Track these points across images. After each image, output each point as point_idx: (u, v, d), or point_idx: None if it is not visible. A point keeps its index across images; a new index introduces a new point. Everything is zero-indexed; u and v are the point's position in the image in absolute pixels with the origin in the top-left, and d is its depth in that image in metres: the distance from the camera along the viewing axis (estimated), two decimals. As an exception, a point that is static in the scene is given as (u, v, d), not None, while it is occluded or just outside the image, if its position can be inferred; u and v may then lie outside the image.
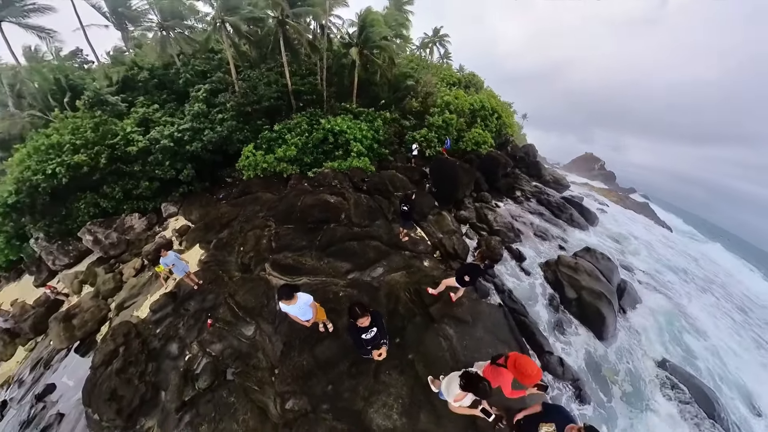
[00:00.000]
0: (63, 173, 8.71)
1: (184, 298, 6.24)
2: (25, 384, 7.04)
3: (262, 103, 12.03)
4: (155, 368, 5.04)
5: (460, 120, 14.42)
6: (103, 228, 9.60)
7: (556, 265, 8.39)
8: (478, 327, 4.95)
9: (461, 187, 10.94)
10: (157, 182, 10.19)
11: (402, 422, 3.49)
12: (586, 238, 11.89)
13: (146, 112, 11.05)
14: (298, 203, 8.32)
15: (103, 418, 4.46)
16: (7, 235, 9.83)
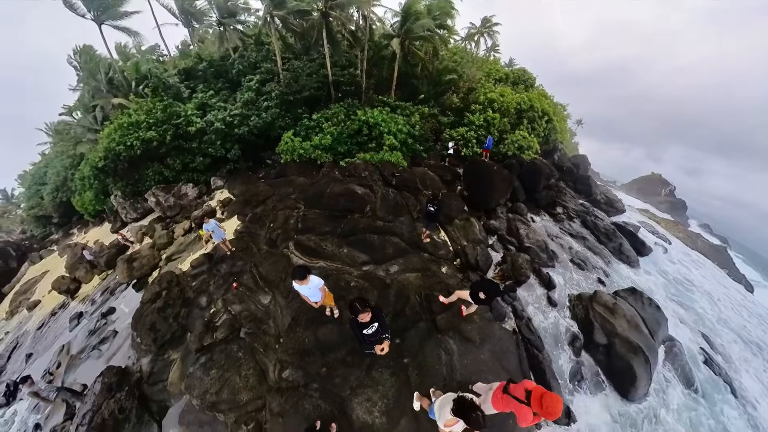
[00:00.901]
0: (138, 146, 10.78)
1: (218, 261, 7.16)
2: (96, 303, 9.05)
3: (303, 93, 12.91)
4: (186, 313, 5.94)
5: (504, 120, 13.29)
6: (164, 193, 11.57)
7: (589, 301, 7.16)
8: (484, 349, 4.64)
9: (495, 194, 10.23)
10: (209, 159, 11.90)
11: (381, 421, 3.55)
12: (634, 276, 9.94)
13: (204, 97, 12.87)
14: (327, 190, 8.75)
15: (143, 342, 5.49)
16: (96, 191, 12.68)
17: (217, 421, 4.11)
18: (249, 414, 4.03)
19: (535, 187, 11.92)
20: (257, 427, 3.90)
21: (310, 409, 3.64)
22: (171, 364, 5.25)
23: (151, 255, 9.50)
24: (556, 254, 9.24)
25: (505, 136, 13.24)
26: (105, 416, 4.45)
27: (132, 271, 9.01)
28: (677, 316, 8.73)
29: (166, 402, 4.86)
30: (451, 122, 13.81)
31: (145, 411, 4.77)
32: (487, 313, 5.79)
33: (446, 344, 4.49)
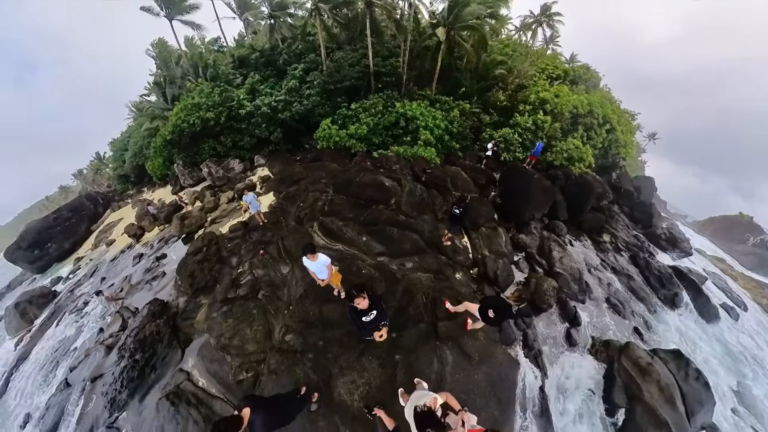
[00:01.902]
0: (198, 124, 12.75)
1: (251, 229, 8.06)
2: (153, 249, 11.17)
3: (344, 83, 13.43)
4: (219, 269, 6.90)
5: (555, 125, 11.83)
6: (215, 165, 13.48)
7: (619, 351, 6.13)
8: (480, 370, 4.43)
9: (532, 207, 9.39)
10: (255, 139, 13.38)
11: (358, 406, 3.71)
12: (686, 338, 8.27)
13: (252, 83, 14.37)
14: (357, 179, 9.09)
15: (182, 285, 6.67)
16: (163, 158, 15.44)
17: (225, 361, 4.76)
18: (251, 363, 4.58)
19: (581, 207, 10.67)
20: (254, 377, 4.42)
21: (301, 375, 3.99)
22: (200, 307, 6.20)
23: (199, 216, 11.13)
24: (589, 288, 8.21)
25: (554, 143, 11.90)
26: (146, 334, 5.67)
27: (183, 227, 10.73)
28: (730, 402, 7.14)
29: (191, 335, 5.86)
30: (494, 122, 12.87)
31: (174, 338, 5.88)
32: (494, 333, 5.49)
33: (442, 353, 4.40)
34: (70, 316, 9.54)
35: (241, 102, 13.00)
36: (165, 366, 5.51)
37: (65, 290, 11.93)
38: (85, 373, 6.33)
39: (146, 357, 5.44)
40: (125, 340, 5.73)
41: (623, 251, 10.50)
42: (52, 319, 10.04)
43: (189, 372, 5.03)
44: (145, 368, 5.37)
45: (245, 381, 4.40)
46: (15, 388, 7.87)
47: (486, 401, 4.10)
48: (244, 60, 17.24)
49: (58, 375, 7.32)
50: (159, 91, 16.75)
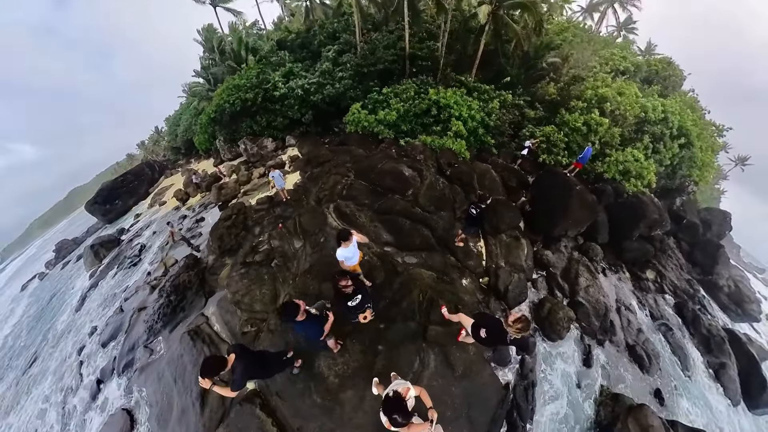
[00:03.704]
0: (238, 104, 13.83)
1: (275, 204, 8.97)
2: (195, 212, 13.44)
3: (377, 66, 13.34)
4: (243, 235, 7.93)
5: (614, 129, 10.15)
6: (251, 143, 14.95)
7: (627, 411, 5.42)
8: (460, 384, 4.27)
9: (566, 222, 8.29)
10: (287, 120, 14.35)
11: (334, 382, 4.05)
12: (719, 417, 6.78)
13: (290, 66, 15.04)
14: (378, 166, 9.23)
15: (212, 245, 7.90)
16: (208, 134, 17.48)
17: (236, 314, 5.68)
18: (255, 320, 5.39)
19: (628, 232, 9.27)
20: (256, 331, 5.20)
21: (292, 340, 4.49)
22: (224, 266, 7.34)
23: (234, 187, 12.59)
24: (614, 328, 7.27)
25: (608, 151, 10.18)
26: (180, 281, 7.10)
27: (220, 196, 12.30)
28: None
29: (214, 288, 7.07)
30: (539, 117, 11.52)
31: (201, 288, 7.24)
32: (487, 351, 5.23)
33: (426, 356, 4.33)
34: (128, 259, 12.20)
35: (276, 84, 13.87)
36: (191, 309, 6.85)
37: (127, 239, 15.04)
38: (134, 304, 8.30)
39: (178, 299, 6.87)
40: (165, 283, 7.29)
41: (668, 295, 9.19)
42: (116, 260, 12.94)
43: (208, 317, 6.09)
44: (176, 308, 6.82)
45: (249, 333, 5.23)
46: (87, 308, 10.69)
47: (457, 417, 4.03)
48: (282, 43, 18.15)
49: (116, 303, 9.63)
50: (205, 73, 18.92)
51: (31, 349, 10.35)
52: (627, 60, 13.32)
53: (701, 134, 11.93)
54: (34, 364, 9.39)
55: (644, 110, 10.49)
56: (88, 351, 8.29)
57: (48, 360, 9.18)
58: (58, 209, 70.88)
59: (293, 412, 4.04)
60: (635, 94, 10.87)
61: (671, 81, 13.52)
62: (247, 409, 4.21)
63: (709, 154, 12.50)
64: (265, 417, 4.11)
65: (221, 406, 4.62)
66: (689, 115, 11.53)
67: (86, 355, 8.17)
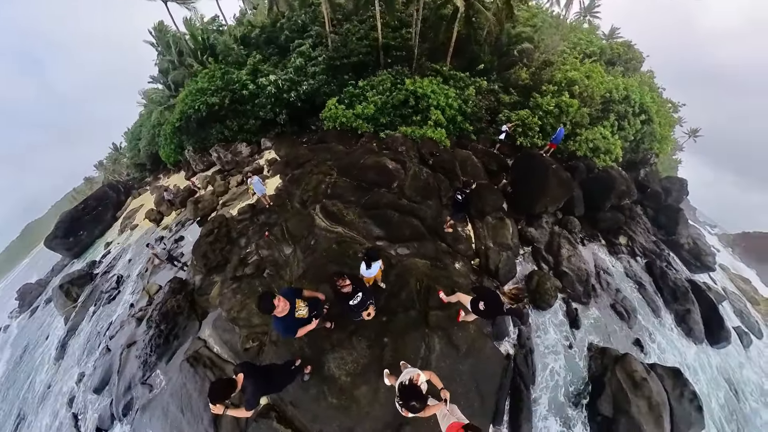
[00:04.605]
0: (204, 109, 12.80)
1: (258, 212, 8.58)
2: (172, 231, 12.36)
3: (351, 58, 12.98)
4: (229, 249, 7.56)
5: (583, 110, 10.91)
6: (224, 150, 14.04)
7: (614, 361, 6.12)
8: (466, 362, 4.60)
9: (545, 199, 8.88)
10: (260, 121, 13.61)
11: (346, 380, 4.13)
12: (688, 357, 8.07)
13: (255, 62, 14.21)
14: (361, 161, 9.18)
15: (197, 264, 7.41)
16: (174, 145, 15.79)
17: (235, 332, 5.45)
18: (256, 334, 5.22)
19: (601, 204, 10.17)
20: (259, 346, 5.07)
21: (297, 349, 4.46)
22: (213, 284, 6.95)
23: (211, 200, 11.92)
24: (596, 291, 8.14)
25: (579, 130, 10.99)
26: (169, 308, 6.58)
27: (197, 211, 11.59)
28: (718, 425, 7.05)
29: (207, 309, 6.67)
30: (514, 102, 12.08)
31: (193, 311, 6.77)
32: (486, 326, 5.60)
33: (430, 340, 4.56)
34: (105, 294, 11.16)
35: (244, 83, 13.08)
36: (185, 335, 6.43)
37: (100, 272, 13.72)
38: (122, 340, 7.58)
39: (169, 327, 6.40)
40: (152, 313, 6.76)
41: (639, 257, 10.24)
42: (92, 297, 11.77)
43: (206, 340, 5.80)
44: (169, 336, 6.35)
45: (251, 349, 5.07)
46: (69, 354, 9.67)
47: (467, 392, 4.31)
48: (246, 39, 17.01)
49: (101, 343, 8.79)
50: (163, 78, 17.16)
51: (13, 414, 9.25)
52: (593, 44, 14.23)
53: (659, 111, 13.14)
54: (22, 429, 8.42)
55: (609, 91, 11.41)
56: (80, 401, 7.59)
57: (36, 421, 8.27)
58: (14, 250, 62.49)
59: (311, 417, 4.07)
60: (601, 76, 11.66)
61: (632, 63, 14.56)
62: (264, 424, 4.18)
63: (667, 129, 13.83)
64: (284, 428, 4.11)
65: (236, 427, 4.51)
66: (648, 94, 12.65)
67: (79, 407, 7.47)
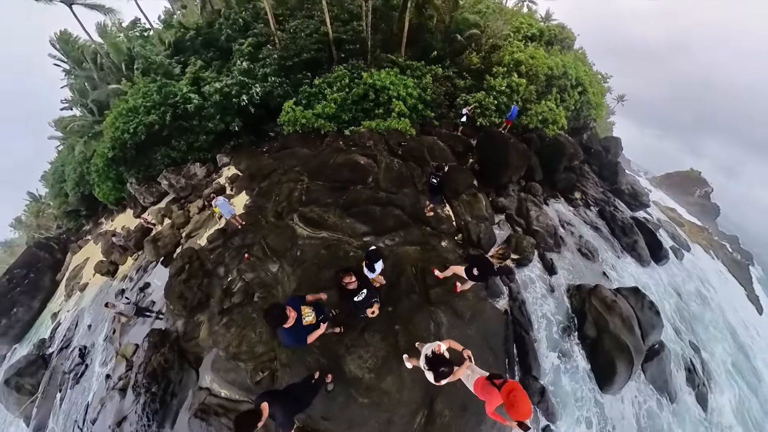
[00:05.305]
0: (141, 131, 11.15)
1: (231, 235, 7.88)
2: (133, 280, 10.64)
3: (302, 56, 12.32)
4: (207, 283, 6.84)
5: (530, 87, 12.06)
6: (174, 175, 12.41)
7: (588, 293, 7.31)
8: (473, 326, 5.05)
9: (509, 171, 9.84)
10: (211, 135, 12.29)
11: (370, 377, 4.16)
12: (642, 276, 10.01)
13: (195, 70, 12.69)
14: (330, 161, 8.95)
15: (175, 309, 6.60)
16: (113, 180, 13.56)
17: (239, 368, 5.00)
18: (264, 363, 4.86)
19: (555, 168, 11.36)
20: (270, 374, 4.73)
21: (311, 362, 4.32)
22: (200, 325, 6.26)
23: (172, 234, 10.65)
24: (564, 241, 9.24)
25: (529, 106, 12.08)
26: (155, 366, 5.73)
27: (158, 250, 10.25)
28: (673, 323, 9.03)
29: (200, 354, 5.99)
30: (469, 86, 12.72)
31: (184, 361, 6.00)
32: (482, 291, 6.12)
33: (437, 316, 4.86)
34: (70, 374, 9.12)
35: (186, 95, 11.63)
36: (183, 389, 5.69)
37: (55, 349, 11.15)
38: (108, 421, 6.29)
39: (162, 387, 5.55)
40: (136, 377, 5.78)
41: (592, 206, 11.86)
42: (53, 382, 9.51)
43: (209, 387, 5.27)
44: (165, 397, 5.53)
45: (263, 380, 4.71)
46: None
47: (480, 351, 4.66)
48: (179, 44, 14.95)
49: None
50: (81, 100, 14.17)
51: None
52: (533, 27, 15.48)
53: (592, 82, 14.97)
54: None
55: (550, 68, 12.50)
56: None
57: None
58: None
59: (347, 424, 4.01)
60: (542, 55, 12.82)
61: (566, 42, 16.22)
62: (302, 448, 3.98)
63: (600, 97, 15.88)
64: (323, 446, 3.94)
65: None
66: (582, 68, 14.32)
67: None
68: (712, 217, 36.05)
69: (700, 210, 34.34)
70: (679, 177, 42.64)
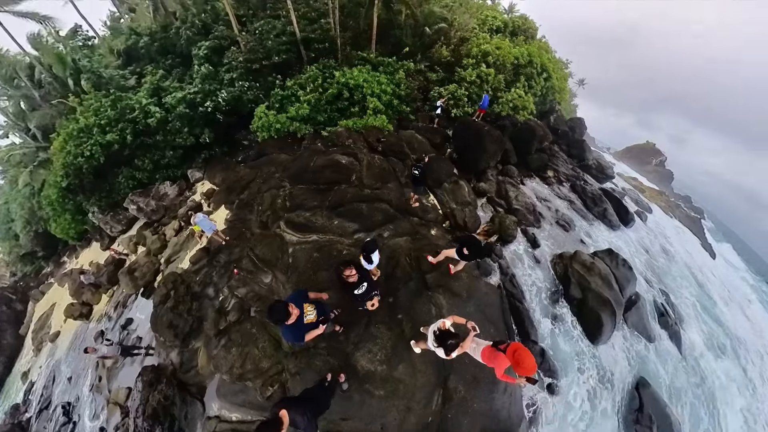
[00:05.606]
0: (98, 153, 10.05)
1: (215, 252, 7.50)
2: (112, 319, 9.71)
3: (271, 59, 11.81)
4: (198, 306, 6.44)
5: (499, 77, 12.60)
6: (142, 197, 11.37)
7: (569, 259, 8.02)
8: (471, 303, 5.29)
9: (486, 157, 10.30)
10: (179, 150, 11.38)
11: (382, 368, 4.23)
12: (614, 239, 11.13)
13: (153, 80, 11.61)
14: (311, 164, 8.76)
15: (166, 340, 6.15)
16: (71, 212, 12.00)
17: (247, 387, 4.81)
18: (272, 377, 4.71)
19: (528, 150, 11.98)
20: (281, 386, 4.60)
21: (321, 365, 4.28)
22: (196, 352, 5.91)
23: (149, 262, 9.83)
24: (542, 216, 9.96)
25: (499, 94, 12.64)
26: (154, 406, 5.27)
27: (136, 282, 9.40)
28: (645, 276, 10.11)
29: (201, 383, 5.65)
30: (441, 79, 13.03)
31: (186, 394, 5.60)
32: (474, 270, 6.42)
33: (436, 299, 5.04)
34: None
35: (147, 108, 10.60)
36: (191, 423, 5.34)
37: (33, 414, 9.79)
38: None
39: (167, 427, 5.13)
40: (135, 423, 5.27)
41: (564, 182, 12.77)
42: None
43: (218, 415, 5.02)
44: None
45: (274, 394, 4.59)
46: None
47: (482, 325, 4.81)
48: (132, 52, 13.60)
49: None
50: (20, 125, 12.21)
51: None
52: (497, 19, 16.19)
53: (555, 68, 16.00)
54: None
55: (516, 58, 13.10)
56: None
57: None
58: None
59: (368, 419, 4.02)
60: (508, 46, 13.42)
61: (529, 32, 17.01)
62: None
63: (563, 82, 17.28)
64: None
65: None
66: (545, 56, 15.16)
67: None
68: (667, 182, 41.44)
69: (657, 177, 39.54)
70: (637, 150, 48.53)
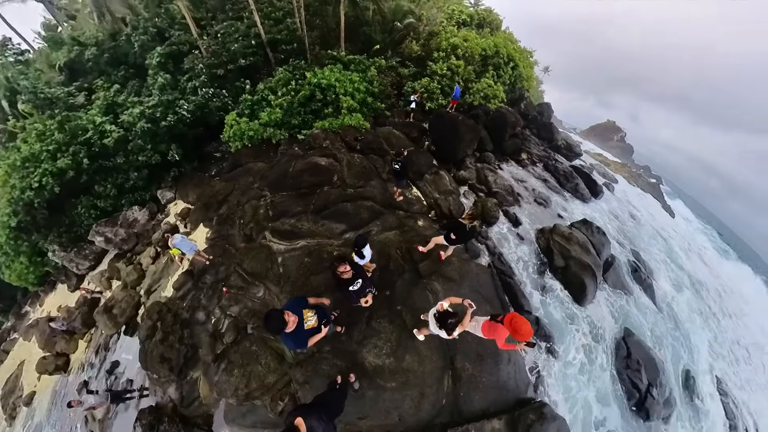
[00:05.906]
0: (50, 183, 8.85)
1: (200, 274, 7.08)
2: (95, 365, 8.76)
3: (237, 63, 11.20)
4: (189, 333, 6.06)
5: (468, 68, 12.93)
6: (109, 227, 10.22)
7: (550, 233, 8.64)
8: (465, 285, 5.48)
9: (463, 146, 10.57)
10: (145, 170, 10.37)
11: (390, 361, 4.30)
12: (587, 210, 12.10)
13: (107, 96, 10.52)
14: (290, 169, 8.55)
15: (160, 376, 5.72)
16: (26, 254, 10.43)
17: (256, 407, 4.65)
18: (281, 391, 4.60)
19: (502, 136, 12.48)
20: (291, 398, 4.49)
21: (329, 369, 4.24)
22: (196, 382, 5.57)
23: (127, 296, 9.04)
24: (521, 196, 10.60)
25: (470, 85, 12.93)
26: None
27: (115, 320, 8.59)
28: (617, 239, 11.26)
29: (207, 412, 5.33)
30: (413, 73, 13.13)
31: (192, 428, 5.23)
32: (464, 254, 6.69)
33: (431, 286, 5.19)
34: None
35: (101, 128, 9.48)
36: None
37: None
38: None
39: None
40: None
41: (538, 163, 13.56)
42: None
43: None
44: None
45: (286, 407, 4.48)
46: None
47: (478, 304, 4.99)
48: (76, 65, 12.24)
49: None
50: None
51: None
52: (464, 13, 16.79)
53: (521, 57, 16.60)
54: None
55: (484, 49, 13.56)
56: None
57: None
58: None
59: (384, 413, 4.04)
60: (475, 38, 13.88)
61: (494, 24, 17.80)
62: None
63: (530, 70, 18.07)
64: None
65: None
66: (511, 46, 15.78)
67: None
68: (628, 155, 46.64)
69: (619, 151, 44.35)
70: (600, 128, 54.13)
